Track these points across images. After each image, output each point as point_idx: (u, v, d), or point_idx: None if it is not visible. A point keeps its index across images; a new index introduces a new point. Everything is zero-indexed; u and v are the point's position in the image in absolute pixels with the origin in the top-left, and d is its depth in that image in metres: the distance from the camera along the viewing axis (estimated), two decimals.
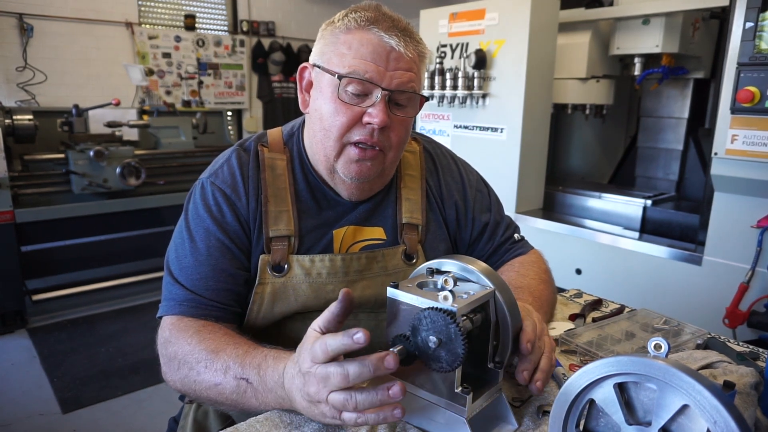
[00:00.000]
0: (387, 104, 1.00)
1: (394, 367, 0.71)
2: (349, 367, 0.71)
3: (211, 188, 1.07)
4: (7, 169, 3.33)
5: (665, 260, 2.55)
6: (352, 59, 0.98)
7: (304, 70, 1.09)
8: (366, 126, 1.00)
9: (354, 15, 1.00)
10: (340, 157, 1.04)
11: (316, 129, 1.05)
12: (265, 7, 6.57)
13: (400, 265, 1.14)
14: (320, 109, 1.03)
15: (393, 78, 0.99)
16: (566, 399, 0.67)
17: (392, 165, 1.11)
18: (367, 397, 0.71)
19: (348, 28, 1.00)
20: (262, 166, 1.10)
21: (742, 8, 2.02)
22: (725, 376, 0.82)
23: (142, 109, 4.57)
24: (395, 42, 0.98)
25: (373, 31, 0.98)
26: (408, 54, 1.00)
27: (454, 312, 0.72)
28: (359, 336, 0.70)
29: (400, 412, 0.72)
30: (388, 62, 0.99)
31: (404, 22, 1.03)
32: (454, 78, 3.00)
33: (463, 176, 1.27)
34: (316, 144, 1.07)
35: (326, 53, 1.02)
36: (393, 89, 0.99)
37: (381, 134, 1.01)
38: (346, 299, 0.74)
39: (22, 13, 4.94)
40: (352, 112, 1.00)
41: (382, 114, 0.98)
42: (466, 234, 1.25)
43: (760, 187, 2.12)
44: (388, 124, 1.01)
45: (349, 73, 0.98)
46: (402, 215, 1.16)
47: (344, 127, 1.01)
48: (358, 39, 0.99)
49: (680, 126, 3.17)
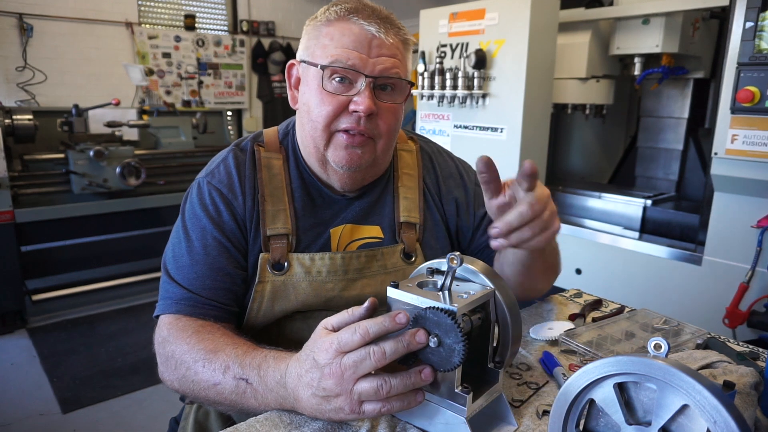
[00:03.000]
0: (372, 91, 1.00)
1: (425, 342, 0.73)
2: (385, 345, 0.72)
3: (207, 188, 1.08)
4: (7, 169, 3.34)
5: (665, 260, 2.55)
6: (334, 49, 0.99)
7: (292, 67, 1.10)
8: (353, 114, 1.01)
9: (334, 8, 1.02)
10: (330, 146, 1.04)
11: (305, 122, 1.06)
12: (265, 7, 6.57)
13: (399, 264, 1.14)
14: (308, 102, 1.04)
15: (376, 65, 0.99)
16: (566, 399, 0.67)
17: (384, 154, 1.10)
18: (402, 381, 0.73)
19: (329, 20, 1.01)
20: (259, 166, 1.10)
21: (742, 8, 2.02)
22: (725, 376, 0.82)
23: (142, 109, 4.57)
24: (375, 29, 0.99)
25: (353, 20, 0.99)
26: (389, 40, 1.00)
27: (454, 312, 0.72)
28: (401, 316, 0.73)
29: (421, 396, 0.75)
30: (370, 49, 0.99)
31: (385, 11, 1.04)
32: (454, 78, 3.01)
33: (462, 173, 1.28)
34: (306, 137, 1.07)
35: (310, 47, 1.04)
36: (377, 75, 1.00)
37: (369, 122, 1.02)
38: (372, 308, 0.77)
39: (22, 13, 4.94)
40: (338, 101, 1.00)
41: (367, 101, 0.98)
42: (468, 227, 1.26)
43: (760, 187, 2.12)
44: (375, 112, 1.01)
45: (332, 62, 0.98)
46: (400, 214, 1.16)
47: (331, 116, 1.01)
48: (339, 29, 1.00)
49: (680, 126, 3.17)
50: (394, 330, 0.73)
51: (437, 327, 0.73)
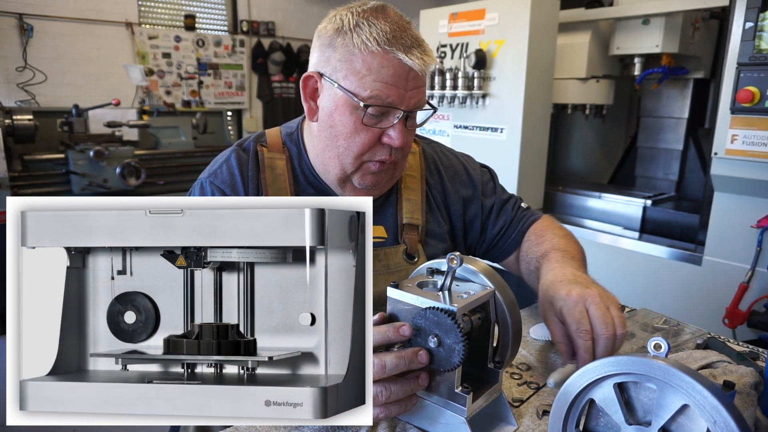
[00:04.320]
0: (404, 123, 1.02)
1: (426, 362, 0.74)
2: (386, 358, 0.72)
3: (210, 188, 1.08)
4: (7, 169, 3.33)
5: (665, 260, 2.55)
6: (373, 83, 0.97)
7: (309, 79, 1.05)
8: (384, 145, 1.03)
9: (368, 29, 0.97)
10: (358, 171, 1.07)
11: (329, 143, 1.05)
12: (265, 7, 6.57)
13: (402, 264, 1.14)
14: (336, 126, 1.03)
15: (411, 98, 1.01)
16: (566, 399, 0.67)
17: (402, 171, 1.15)
18: (401, 387, 0.73)
19: (368, 48, 0.96)
20: (262, 167, 1.10)
21: (742, 8, 2.02)
22: (725, 376, 0.81)
23: (142, 109, 4.58)
24: (413, 63, 0.98)
25: (393, 53, 0.97)
26: (423, 71, 1.01)
27: (454, 312, 0.72)
28: (405, 329, 0.73)
29: (416, 399, 0.77)
30: (407, 83, 0.99)
31: (413, 28, 1.03)
32: (454, 78, 3.01)
33: (468, 169, 1.30)
34: (329, 156, 1.07)
35: (340, 69, 0.99)
36: (411, 109, 1.02)
37: (398, 151, 1.05)
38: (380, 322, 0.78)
39: (22, 13, 4.94)
40: (373, 134, 1.02)
41: (401, 136, 1.01)
42: (477, 221, 1.28)
43: (760, 187, 2.12)
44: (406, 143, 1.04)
45: (371, 97, 0.98)
46: (403, 215, 1.17)
47: (365, 148, 1.03)
48: (378, 60, 0.97)
49: (680, 126, 3.17)
50: (397, 341, 0.74)
51: (437, 327, 0.73)
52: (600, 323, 0.85)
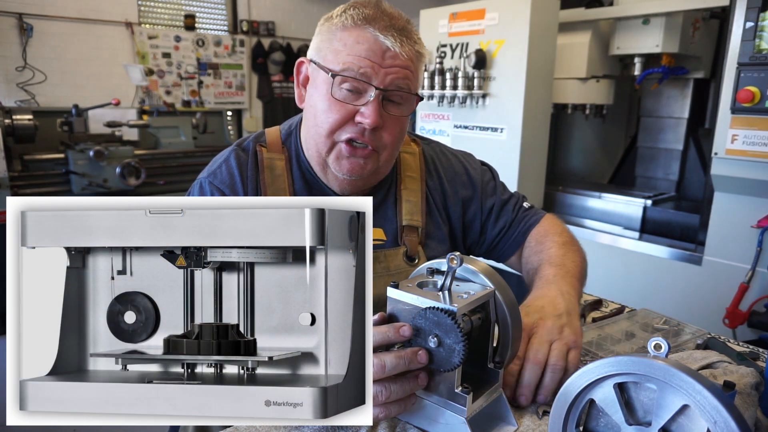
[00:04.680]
0: (380, 103, 1.00)
1: (426, 362, 0.73)
2: (385, 358, 0.72)
3: (209, 188, 1.08)
4: (7, 169, 3.33)
5: (665, 260, 2.55)
6: (346, 56, 0.98)
7: (301, 65, 1.09)
8: (357, 125, 1.01)
9: (352, 12, 1.00)
10: (331, 153, 1.05)
11: (310, 125, 1.06)
12: (265, 7, 6.57)
13: (402, 266, 1.14)
14: (315, 106, 1.03)
15: (387, 74, 0.99)
16: (566, 399, 0.67)
17: (387, 164, 1.11)
18: (401, 387, 0.73)
19: (345, 26, 1.00)
20: (261, 167, 1.10)
21: (742, 8, 2.02)
22: (725, 376, 0.81)
23: (142, 109, 4.58)
24: (391, 42, 0.98)
25: (369, 30, 0.98)
26: (404, 54, 0.99)
27: (454, 312, 0.72)
28: (405, 329, 0.73)
29: (415, 398, 0.77)
30: (383, 60, 0.98)
31: (403, 19, 1.03)
32: (454, 78, 3.01)
33: (468, 169, 1.28)
34: (309, 139, 1.08)
35: (322, 49, 1.02)
36: (387, 88, 0.99)
37: (373, 134, 1.02)
38: (380, 322, 0.77)
39: (22, 13, 4.94)
40: (345, 110, 1.00)
41: (374, 114, 0.98)
42: (477, 221, 1.27)
43: (760, 187, 2.12)
44: (380, 124, 1.01)
45: (343, 70, 0.98)
46: (402, 217, 1.16)
47: (336, 125, 1.01)
48: (354, 36, 0.98)
49: (680, 126, 3.17)
50: (396, 342, 0.74)
51: (437, 327, 0.73)
52: (531, 353, 0.86)
